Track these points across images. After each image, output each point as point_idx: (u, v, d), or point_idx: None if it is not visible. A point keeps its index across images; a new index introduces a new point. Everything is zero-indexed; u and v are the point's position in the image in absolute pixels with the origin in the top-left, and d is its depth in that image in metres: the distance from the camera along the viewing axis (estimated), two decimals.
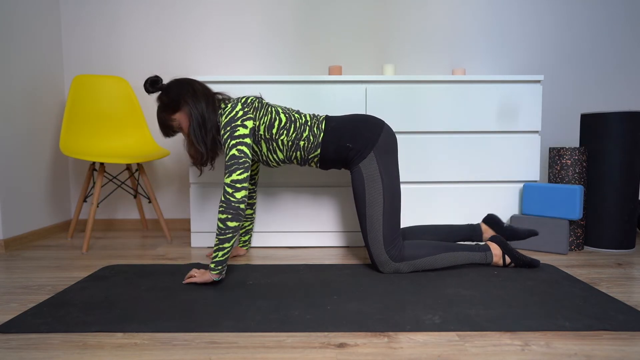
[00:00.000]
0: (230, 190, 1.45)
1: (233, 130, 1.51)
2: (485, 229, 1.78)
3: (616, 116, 1.94)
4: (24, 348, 1.02)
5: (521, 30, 2.55)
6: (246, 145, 1.51)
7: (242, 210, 1.46)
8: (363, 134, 1.58)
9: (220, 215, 1.45)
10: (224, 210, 1.45)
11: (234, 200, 1.45)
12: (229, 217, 1.44)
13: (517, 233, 1.74)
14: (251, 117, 1.56)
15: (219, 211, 1.46)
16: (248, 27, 2.53)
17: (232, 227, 1.45)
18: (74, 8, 2.51)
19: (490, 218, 1.79)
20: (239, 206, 1.45)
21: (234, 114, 1.54)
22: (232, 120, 1.53)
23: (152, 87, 1.65)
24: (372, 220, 1.55)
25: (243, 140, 1.51)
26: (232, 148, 1.49)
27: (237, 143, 1.50)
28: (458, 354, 0.98)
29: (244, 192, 1.46)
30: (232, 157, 1.48)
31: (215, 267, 1.45)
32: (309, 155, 1.65)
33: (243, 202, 1.46)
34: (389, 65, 2.27)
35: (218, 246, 1.45)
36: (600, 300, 1.30)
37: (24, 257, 1.89)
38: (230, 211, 1.44)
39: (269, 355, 0.98)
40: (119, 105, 2.36)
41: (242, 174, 1.47)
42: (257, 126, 1.59)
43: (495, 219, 1.78)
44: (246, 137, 1.51)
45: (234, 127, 1.52)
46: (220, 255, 1.45)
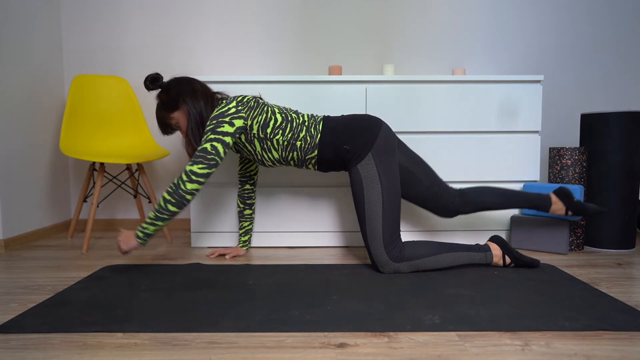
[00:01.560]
0: (185, 178, 1.49)
1: (218, 125, 1.54)
2: (555, 200, 1.76)
3: (616, 116, 1.94)
4: (24, 348, 1.02)
5: (521, 30, 2.55)
6: (223, 143, 1.52)
7: (188, 200, 1.50)
8: (360, 135, 1.57)
9: (166, 195, 1.49)
10: (170, 193, 1.49)
11: (183, 189, 1.48)
12: (171, 201, 1.48)
13: (585, 209, 1.72)
14: (242, 117, 1.56)
15: (166, 191, 1.50)
16: (248, 27, 2.53)
17: (170, 211, 1.49)
18: (74, 8, 2.51)
19: (562, 191, 1.76)
20: (185, 196, 1.49)
21: (226, 109, 1.56)
22: (221, 115, 1.55)
23: (152, 84, 1.65)
24: (371, 221, 1.55)
25: (222, 138, 1.52)
26: (208, 142, 1.52)
27: (215, 139, 1.52)
28: (458, 354, 0.98)
29: (196, 185, 1.49)
30: (203, 150, 1.51)
31: (143, 237, 1.52)
32: (306, 156, 1.64)
33: (191, 194, 1.49)
34: (389, 65, 2.27)
35: (153, 221, 1.50)
36: (600, 300, 1.30)
37: (24, 257, 1.89)
38: (175, 197, 1.48)
39: (269, 355, 0.98)
40: (119, 105, 2.36)
41: (203, 169, 1.50)
42: (250, 125, 1.59)
43: (566, 192, 1.75)
44: (227, 136, 1.53)
45: (220, 123, 1.54)
46: (151, 229, 1.51)
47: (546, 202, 1.75)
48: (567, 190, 1.75)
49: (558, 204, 1.75)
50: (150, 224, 1.51)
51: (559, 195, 1.76)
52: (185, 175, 1.49)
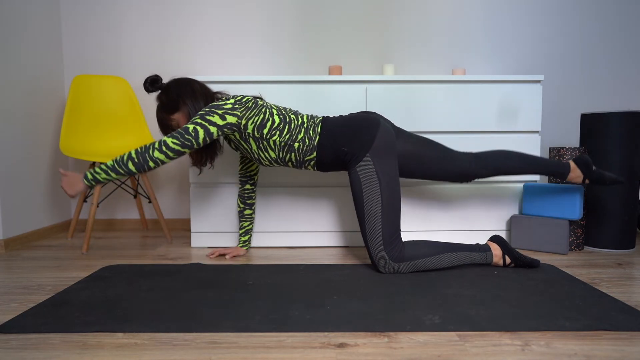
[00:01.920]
0: (157, 146, 1.49)
1: (209, 113, 1.54)
2: (573, 168, 1.74)
3: (616, 116, 1.94)
4: (24, 348, 1.02)
5: (521, 30, 2.55)
6: (206, 131, 1.53)
7: (149, 167, 1.50)
8: (358, 136, 1.57)
9: (132, 153, 1.49)
10: (137, 152, 1.49)
11: (149, 155, 1.49)
12: (134, 161, 1.49)
13: (603, 177, 1.71)
14: (237, 115, 1.57)
15: (135, 150, 1.50)
16: (248, 27, 2.53)
17: (128, 169, 1.49)
18: (74, 8, 2.51)
19: (581, 158, 1.75)
20: (149, 162, 1.49)
21: (223, 103, 1.57)
22: (216, 106, 1.56)
23: (151, 86, 1.66)
24: (371, 221, 1.55)
25: (207, 126, 1.53)
26: (193, 124, 1.53)
27: (200, 123, 1.53)
28: (458, 354, 0.98)
29: (163, 156, 1.50)
30: (185, 129, 1.52)
31: (92, 180, 1.50)
32: (304, 158, 1.64)
33: (155, 162, 1.50)
34: (389, 65, 2.28)
35: (107, 170, 1.49)
36: (600, 300, 1.30)
37: (24, 257, 1.89)
38: (139, 158, 1.49)
39: (269, 355, 0.98)
40: (119, 105, 2.36)
41: (176, 145, 1.50)
42: (245, 125, 1.59)
43: (586, 160, 1.73)
44: (213, 126, 1.53)
45: (212, 112, 1.54)
46: (103, 176, 1.50)
47: (565, 169, 1.73)
48: (587, 158, 1.74)
49: (576, 172, 1.74)
50: (104, 172, 1.50)
51: (578, 163, 1.75)
52: (157, 143, 1.50)
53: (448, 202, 2.05)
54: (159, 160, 1.50)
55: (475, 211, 2.05)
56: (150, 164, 1.50)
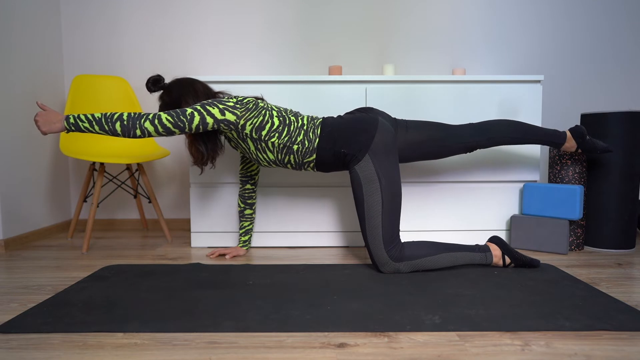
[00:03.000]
0: (150, 117, 1.47)
1: (210, 104, 1.54)
2: (569, 137, 1.78)
3: (616, 116, 1.94)
4: (24, 348, 1.02)
5: (521, 30, 2.55)
6: (202, 120, 1.52)
7: (135, 135, 1.47)
8: (357, 137, 1.57)
9: (124, 115, 1.47)
10: (129, 117, 1.46)
11: (140, 123, 1.46)
12: (123, 123, 1.46)
13: (595, 146, 1.78)
14: (236, 114, 1.57)
15: (127, 113, 1.47)
16: (248, 27, 2.53)
17: (114, 129, 1.46)
18: (74, 8, 2.51)
19: (577, 129, 1.78)
20: (136, 129, 1.46)
21: (225, 100, 1.58)
22: (219, 101, 1.57)
23: (154, 86, 1.66)
24: (371, 221, 1.55)
25: (205, 115, 1.52)
26: (192, 108, 1.51)
27: (198, 110, 1.52)
28: (458, 354, 0.98)
29: (152, 128, 1.47)
30: (182, 110, 1.51)
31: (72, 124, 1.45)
32: (303, 160, 1.64)
33: (142, 131, 1.47)
34: (389, 65, 2.28)
35: (93, 121, 1.45)
36: (600, 300, 1.30)
37: (24, 257, 1.89)
38: (129, 123, 1.46)
39: (269, 355, 0.98)
40: (119, 105, 2.36)
41: (168, 122, 1.48)
42: (243, 125, 1.59)
43: (581, 131, 1.78)
44: (210, 117, 1.53)
45: (213, 104, 1.55)
46: (85, 126, 1.45)
47: (560, 138, 1.77)
48: (583, 129, 1.78)
49: (571, 142, 1.79)
50: (88, 123, 1.45)
51: (573, 134, 1.79)
52: (152, 115, 1.48)
53: (448, 202, 2.05)
54: (147, 131, 1.47)
55: (475, 211, 2.05)
56: (137, 131, 1.47)
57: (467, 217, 2.05)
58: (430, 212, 2.05)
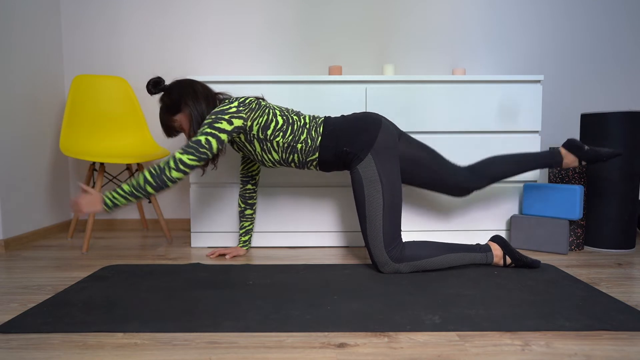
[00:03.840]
0: (172, 165, 1.47)
1: (216, 120, 1.53)
2: (565, 154, 1.74)
3: (616, 116, 1.94)
4: (24, 348, 1.02)
5: (521, 30, 2.55)
6: (218, 139, 1.52)
7: (168, 187, 1.48)
8: (360, 136, 1.57)
9: (147, 176, 1.46)
10: (153, 175, 1.46)
11: (167, 176, 1.46)
12: (152, 184, 1.46)
13: (600, 154, 1.70)
14: (242, 117, 1.56)
15: (148, 172, 1.46)
16: (248, 27, 2.53)
17: (147, 192, 1.46)
18: (74, 8, 2.51)
19: (570, 143, 1.74)
20: (167, 183, 1.47)
21: (227, 108, 1.56)
22: (221, 112, 1.55)
23: (154, 88, 1.66)
24: (372, 221, 1.55)
25: (218, 134, 1.52)
26: (203, 135, 1.51)
27: (210, 133, 1.51)
28: (458, 354, 0.98)
29: (181, 175, 1.48)
30: (196, 142, 1.50)
31: (111, 204, 1.46)
32: (307, 159, 1.64)
33: (174, 182, 1.48)
34: (389, 65, 2.28)
35: (126, 195, 1.45)
36: (600, 300, 1.30)
37: (24, 257, 1.89)
38: (157, 181, 1.46)
39: (269, 355, 0.98)
40: (119, 105, 2.36)
41: (193, 160, 1.49)
42: (250, 126, 1.59)
43: (575, 143, 1.72)
44: (223, 133, 1.52)
45: (219, 119, 1.53)
46: (122, 202, 1.46)
47: (557, 157, 1.73)
48: (575, 140, 1.74)
49: (569, 157, 1.74)
50: (123, 197, 1.46)
51: (568, 148, 1.74)
52: (173, 162, 1.47)
53: (448, 202, 2.05)
54: (177, 179, 1.48)
55: (475, 211, 2.05)
56: (169, 184, 1.47)
57: (468, 217, 2.05)
58: (430, 212, 2.05)
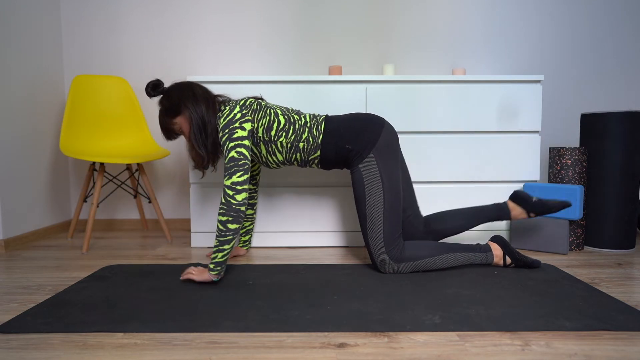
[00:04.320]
0: (231, 193, 1.45)
1: (231, 132, 1.52)
2: (512, 207, 1.73)
3: (616, 116, 1.94)
4: (24, 348, 1.02)
5: (521, 30, 2.55)
6: (245, 147, 1.51)
7: (243, 212, 1.47)
8: (362, 134, 1.57)
9: (221, 217, 1.45)
10: (225, 212, 1.45)
11: (235, 203, 1.45)
12: (229, 220, 1.45)
13: (547, 206, 1.68)
14: (249, 119, 1.56)
15: (220, 213, 1.46)
16: (248, 27, 2.53)
17: (232, 229, 1.45)
18: (74, 8, 2.51)
19: (516, 195, 1.73)
20: (240, 208, 1.45)
21: (232, 116, 1.55)
22: (230, 122, 1.54)
23: (153, 91, 1.66)
24: (372, 220, 1.55)
25: (242, 142, 1.51)
26: (231, 150, 1.50)
27: (235, 145, 1.50)
28: (458, 354, 0.98)
29: (244, 194, 1.46)
30: (231, 159, 1.49)
31: (214, 267, 1.45)
32: (309, 157, 1.65)
33: (244, 204, 1.46)
34: (389, 65, 2.28)
35: (218, 247, 1.45)
36: (600, 300, 1.30)
37: (24, 257, 1.89)
38: (232, 213, 1.45)
39: (269, 355, 0.98)
40: (119, 105, 2.36)
41: (242, 175, 1.47)
42: (256, 128, 1.59)
43: (522, 195, 1.72)
44: (245, 139, 1.52)
45: (232, 130, 1.52)
46: (220, 256, 1.45)
47: (504, 210, 1.73)
48: (522, 192, 1.72)
49: (516, 210, 1.73)
50: (217, 252, 1.45)
51: (515, 200, 1.73)
52: (230, 190, 1.45)
53: (448, 202, 2.05)
54: (244, 199, 1.46)
55: None
56: (242, 208, 1.46)
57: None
58: (430, 213, 2.05)
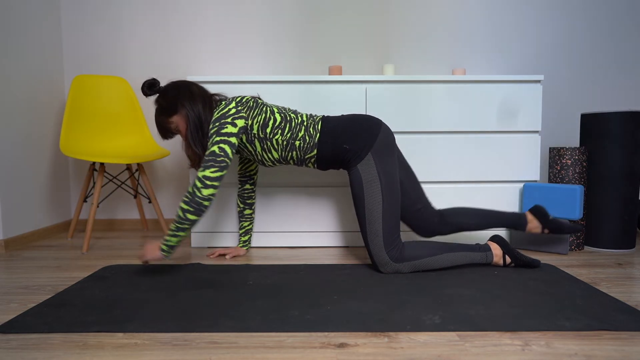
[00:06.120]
0: (199, 185, 1.47)
1: (221, 126, 1.53)
2: (531, 219, 1.75)
3: (616, 116, 1.94)
4: (24, 348, 1.02)
5: (521, 30, 2.55)
6: (230, 144, 1.52)
7: (205, 207, 1.48)
8: (360, 134, 1.57)
9: (183, 205, 1.47)
10: (188, 202, 1.47)
11: (199, 196, 1.47)
12: (190, 210, 1.47)
13: (561, 227, 1.71)
14: (243, 116, 1.57)
15: (183, 201, 1.48)
16: (248, 27, 2.53)
17: (190, 220, 1.48)
18: (75, 8, 2.51)
19: (537, 209, 1.75)
20: (203, 202, 1.47)
21: (226, 110, 1.56)
22: (222, 116, 1.55)
23: (149, 89, 1.65)
24: (371, 221, 1.55)
25: (228, 139, 1.52)
26: (215, 144, 1.51)
27: (220, 140, 1.52)
28: (458, 354, 0.98)
29: (212, 190, 1.48)
30: (211, 153, 1.50)
31: (167, 249, 1.51)
32: (305, 156, 1.65)
33: (209, 200, 1.48)
34: (389, 65, 2.28)
35: (174, 233, 1.49)
36: (600, 300, 1.30)
37: (24, 257, 1.89)
38: (194, 205, 1.47)
39: (269, 355, 0.98)
40: (119, 105, 2.36)
41: (216, 172, 1.48)
42: (250, 125, 1.59)
43: (542, 210, 1.74)
44: (232, 136, 1.53)
45: (223, 124, 1.53)
46: (174, 241, 1.50)
47: (522, 220, 1.74)
48: (543, 208, 1.75)
49: (534, 223, 1.74)
50: (172, 236, 1.49)
51: (535, 214, 1.75)
52: (199, 182, 1.47)
53: (448, 202, 2.05)
54: (211, 196, 1.48)
55: None
56: (205, 203, 1.47)
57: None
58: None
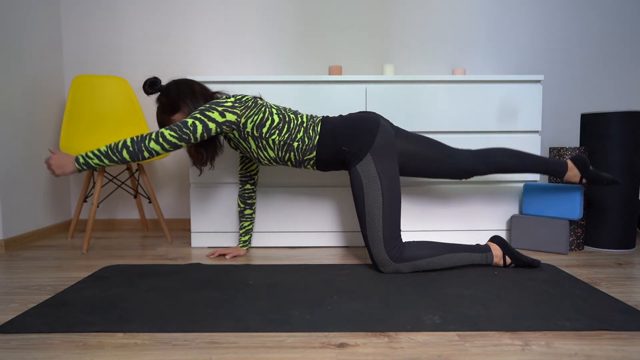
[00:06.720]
0: (154, 137, 1.49)
1: (209, 109, 1.54)
2: (571, 167, 1.76)
3: (616, 116, 1.94)
4: (24, 348, 1.02)
5: (521, 30, 2.55)
6: (205, 127, 1.52)
7: (143, 157, 1.49)
8: (359, 135, 1.57)
9: (127, 141, 1.48)
10: (133, 142, 1.48)
11: (145, 145, 1.48)
12: (129, 149, 1.48)
13: (600, 178, 1.73)
14: (236, 113, 1.57)
15: (130, 138, 1.49)
16: (249, 27, 2.53)
17: (122, 157, 1.48)
18: (74, 8, 2.51)
19: (578, 157, 1.76)
20: (143, 151, 1.48)
21: (223, 101, 1.58)
22: (217, 103, 1.57)
23: (150, 88, 1.66)
24: (371, 221, 1.55)
25: (206, 122, 1.53)
26: (192, 118, 1.52)
27: (199, 118, 1.52)
28: (458, 354, 0.98)
29: (158, 147, 1.49)
30: (183, 123, 1.51)
31: (83, 164, 1.48)
32: (303, 157, 1.64)
33: (150, 152, 1.49)
34: (389, 65, 2.28)
35: (101, 156, 1.48)
36: (600, 300, 1.30)
37: (24, 257, 1.89)
38: (135, 147, 1.48)
39: (269, 355, 0.98)
40: (119, 105, 2.36)
41: (173, 137, 1.50)
42: (244, 123, 1.59)
43: (583, 159, 1.75)
44: (212, 122, 1.53)
45: (212, 108, 1.55)
46: (95, 161, 1.48)
47: (563, 167, 1.75)
48: (585, 157, 1.76)
49: (574, 171, 1.76)
50: (97, 157, 1.48)
51: (575, 162, 1.76)
52: (154, 134, 1.49)
53: (448, 202, 2.05)
54: (154, 151, 1.49)
55: (476, 211, 2.05)
56: (145, 153, 1.49)
57: (468, 217, 2.05)
58: (430, 212, 2.05)
